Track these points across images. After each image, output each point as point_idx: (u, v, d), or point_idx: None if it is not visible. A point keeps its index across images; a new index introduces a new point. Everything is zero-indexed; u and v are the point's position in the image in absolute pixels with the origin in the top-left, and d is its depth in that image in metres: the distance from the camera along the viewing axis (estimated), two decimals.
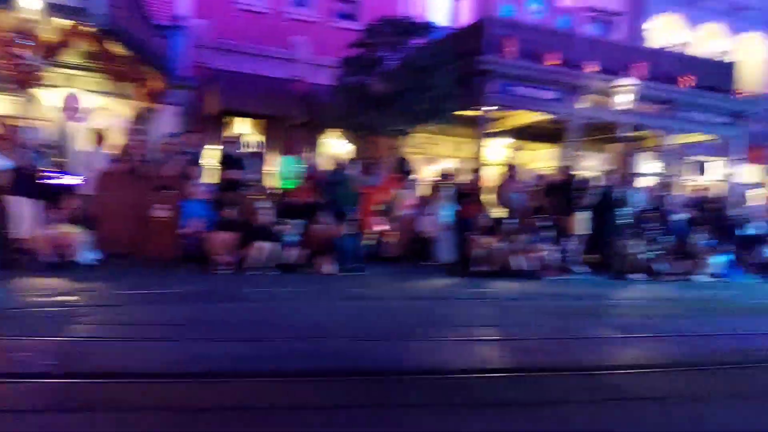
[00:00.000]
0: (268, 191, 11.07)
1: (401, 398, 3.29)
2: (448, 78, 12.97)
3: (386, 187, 11.31)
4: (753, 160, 20.92)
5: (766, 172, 21.70)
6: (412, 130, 13.42)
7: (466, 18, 18.14)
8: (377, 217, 11.49)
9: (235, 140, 12.27)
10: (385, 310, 6.62)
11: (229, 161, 10.86)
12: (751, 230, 14.00)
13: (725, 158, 18.43)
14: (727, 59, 18.86)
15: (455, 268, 11.05)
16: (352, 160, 12.41)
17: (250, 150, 12.34)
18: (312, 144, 15.58)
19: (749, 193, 15.34)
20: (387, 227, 11.43)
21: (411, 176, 11.71)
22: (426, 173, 14.59)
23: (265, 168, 12.56)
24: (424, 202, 12.05)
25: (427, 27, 13.36)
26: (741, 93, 17.74)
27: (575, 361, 4.48)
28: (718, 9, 21.67)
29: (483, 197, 12.74)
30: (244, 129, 15.80)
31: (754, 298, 9.55)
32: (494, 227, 11.50)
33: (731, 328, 6.30)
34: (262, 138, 15.17)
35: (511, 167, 13.45)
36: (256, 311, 6.03)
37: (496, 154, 16.90)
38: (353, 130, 13.75)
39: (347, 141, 14.92)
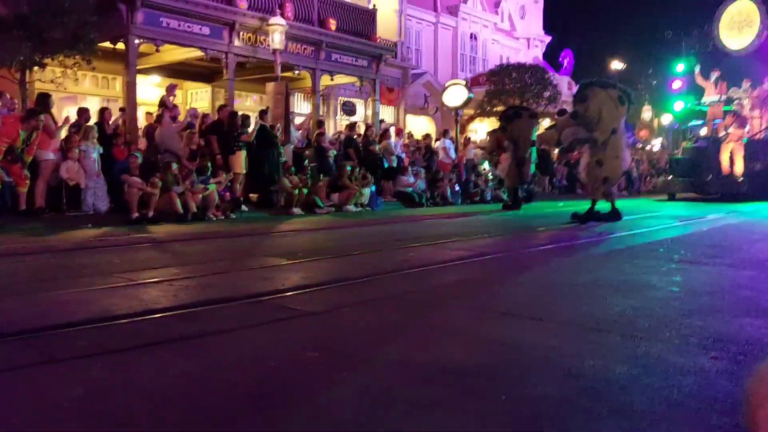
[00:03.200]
0: None
1: (71, 352, 2.95)
2: (87, 3, 11.37)
3: (12, 127, 9.47)
4: (387, 101, 23.45)
5: (397, 112, 24.51)
6: (43, 61, 11.48)
7: None
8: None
9: None
10: (24, 266, 5.59)
11: None
12: (392, 164, 15.69)
13: (367, 99, 20.21)
14: (368, 7, 20.42)
15: (112, 216, 10.03)
16: None
17: None
18: None
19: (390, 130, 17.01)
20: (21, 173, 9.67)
21: (44, 114, 9.96)
22: (66, 112, 12.81)
23: None
24: (66, 144, 10.55)
25: None
26: (378, 38, 19.48)
27: (244, 290, 4.45)
28: None
29: (132, 137, 11.77)
30: None
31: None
32: (152, 170, 10.73)
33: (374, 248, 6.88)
34: None
35: (167, 106, 12.60)
36: None
37: (148, 93, 15.71)
38: None
39: None
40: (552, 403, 2.30)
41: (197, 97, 18.56)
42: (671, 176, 18.79)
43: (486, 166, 18.40)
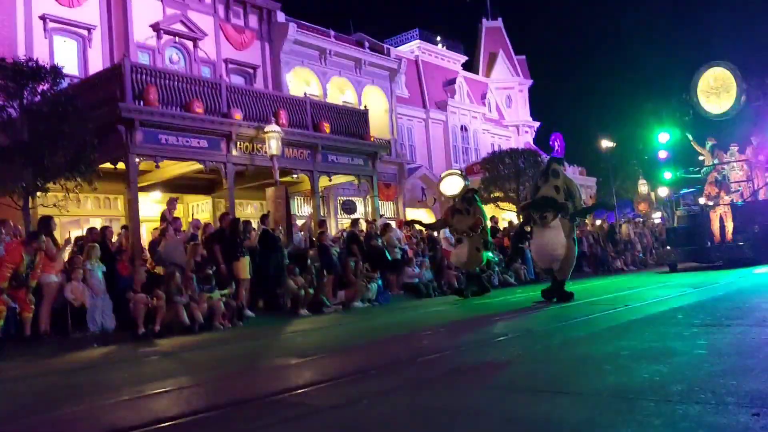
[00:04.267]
0: None
1: None
2: (86, 127, 11.72)
3: (15, 252, 9.50)
4: (385, 197, 23.79)
5: (396, 206, 24.81)
6: (45, 186, 11.68)
7: (98, 66, 16.91)
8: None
9: None
10: (28, 389, 5.42)
11: None
12: (396, 256, 15.65)
13: (366, 196, 20.49)
14: (360, 108, 21.12)
15: (118, 334, 9.88)
16: None
17: None
18: None
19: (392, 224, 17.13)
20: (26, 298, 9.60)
21: (45, 238, 10.01)
22: (68, 234, 12.93)
23: None
24: (70, 265, 10.57)
25: (54, 71, 11.87)
26: (372, 138, 20.01)
27: (259, 390, 4.31)
28: (343, 64, 24.31)
29: (136, 253, 11.81)
30: None
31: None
32: (156, 283, 10.70)
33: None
34: None
35: (168, 219, 12.73)
36: None
37: (150, 209, 15.93)
38: None
39: None
40: None
41: (198, 210, 18.79)
42: (670, 246, 18.13)
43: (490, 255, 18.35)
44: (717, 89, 18.61)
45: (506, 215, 25.58)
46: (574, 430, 2.74)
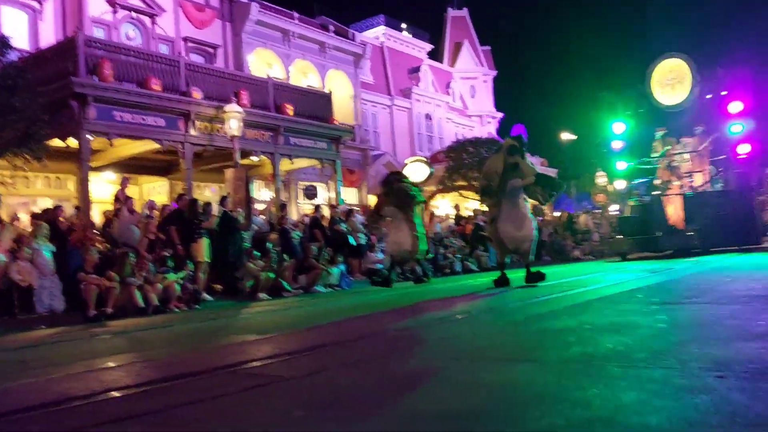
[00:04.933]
0: None
1: None
2: (36, 102, 11.24)
3: None
4: (349, 183, 23.62)
5: (359, 193, 24.65)
6: None
7: (50, 41, 16.27)
8: None
9: None
10: None
11: None
12: (360, 241, 15.52)
13: (328, 181, 20.29)
14: (324, 92, 20.85)
15: (68, 315, 9.54)
16: None
17: None
18: None
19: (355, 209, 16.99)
20: None
21: None
22: (18, 213, 12.42)
23: None
24: (17, 245, 10.15)
25: (1, 41, 11.35)
26: (335, 122, 19.79)
27: (215, 363, 4.14)
28: (307, 47, 23.98)
29: (88, 234, 11.41)
30: None
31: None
32: (109, 265, 10.36)
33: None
34: None
35: (123, 200, 12.35)
36: None
37: (103, 190, 15.44)
38: None
39: None
40: None
41: (154, 191, 18.30)
42: (620, 236, 17.95)
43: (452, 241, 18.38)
44: (672, 81, 18.74)
45: (470, 204, 25.68)
46: (542, 390, 2.67)
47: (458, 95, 35.34)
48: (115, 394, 3.30)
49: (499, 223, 9.51)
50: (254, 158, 17.12)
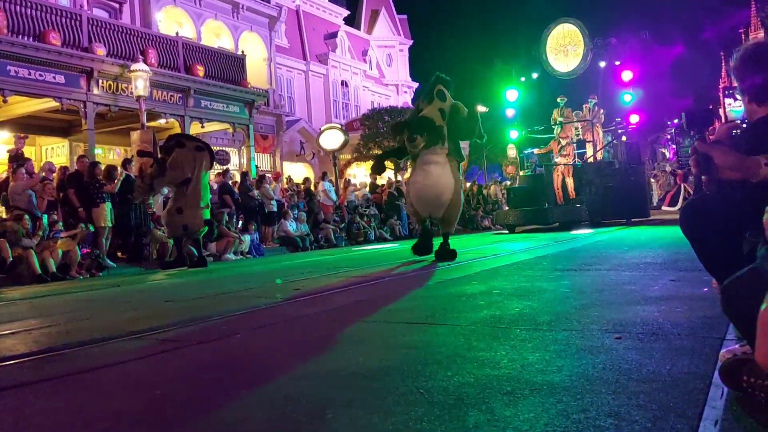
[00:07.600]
0: None
1: None
2: None
3: None
4: (262, 149, 23.16)
5: (272, 159, 24.24)
6: None
7: None
8: None
9: None
10: None
11: None
12: (272, 208, 15.31)
13: (241, 147, 19.80)
14: (237, 54, 20.16)
15: None
16: None
17: None
18: None
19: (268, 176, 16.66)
20: None
21: None
22: None
23: None
24: None
25: None
26: (249, 85, 19.25)
27: (118, 329, 3.97)
28: (219, 7, 23.06)
29: None
30: None
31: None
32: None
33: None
34: None
35: (18, 161, 11.58)
36: None
37: None
38: None
39: None
40: (472, 389, 2.15)
41: (53, 153, 17.27)
42: (508, 208, 17.18)
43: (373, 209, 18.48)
44: (565, 47, 18.88)
45: (386, 173, 25.82)
46: (453, 352, 2.75)
47: (375, 63, 35.22)
48: (6, 363, 3.13)
49: (410, 183, 8.37)
50: (162, 121, 16.44)
